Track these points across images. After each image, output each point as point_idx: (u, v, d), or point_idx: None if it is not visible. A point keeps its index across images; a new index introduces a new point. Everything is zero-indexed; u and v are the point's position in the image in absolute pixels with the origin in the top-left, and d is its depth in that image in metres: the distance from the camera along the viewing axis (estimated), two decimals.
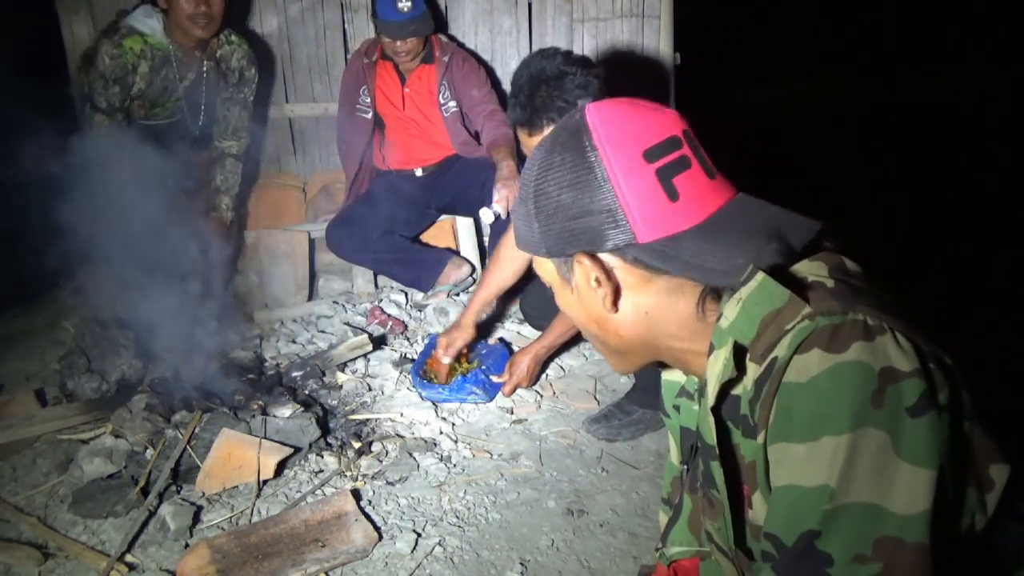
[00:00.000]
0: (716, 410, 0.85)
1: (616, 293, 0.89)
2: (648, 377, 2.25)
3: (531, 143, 2.10)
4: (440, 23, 3.57)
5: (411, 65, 3.28)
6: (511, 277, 2.63)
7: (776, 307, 0.78)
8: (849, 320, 0.74)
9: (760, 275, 0.80)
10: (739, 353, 0.81)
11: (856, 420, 0.70)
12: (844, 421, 0.70)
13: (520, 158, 2.88)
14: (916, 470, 0.70)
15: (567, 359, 2.81)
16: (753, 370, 0.79)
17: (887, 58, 7.42)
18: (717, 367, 0.82)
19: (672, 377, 1.11)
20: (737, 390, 0.84)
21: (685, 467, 1.09)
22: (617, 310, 0.90)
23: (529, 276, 3.07)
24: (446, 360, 2.58)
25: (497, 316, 3.19)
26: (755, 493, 0.83)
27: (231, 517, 2.00)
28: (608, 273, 0.89)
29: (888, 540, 0.70)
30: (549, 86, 2.02)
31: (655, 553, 1.19)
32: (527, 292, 2.96)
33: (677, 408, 1.10)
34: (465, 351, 2.67)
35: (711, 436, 0.86)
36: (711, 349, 0.85)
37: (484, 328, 3.09)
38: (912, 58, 7.28)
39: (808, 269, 0.84)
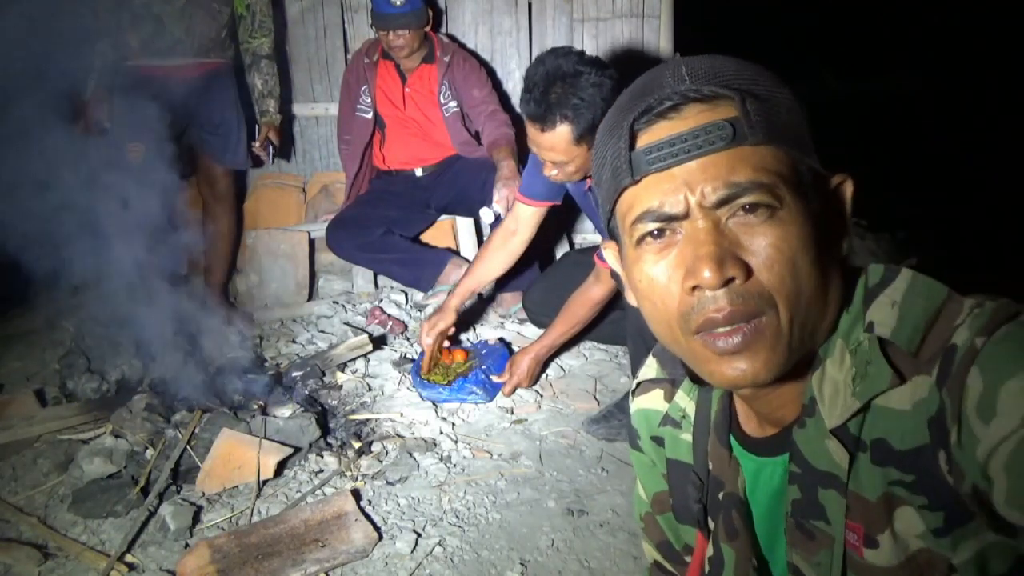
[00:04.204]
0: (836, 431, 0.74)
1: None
2: None
3: (541, 139, 2.08)
4: (440, 23, 3.57)
5: (412, 65, 3.28)
6: (500, 267, 2.64)
7: (934, 305, 0.71)
8: (1003, 303, 0.69)
9: (907, 272, 0.74)
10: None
11: None
12: None
13: (522, 158, 2.87)
14: None
15: (567, 359, 2.81)
16: (912, 385, 0.70)
17: (886, 57, 7.43)
18: (845, 376, 0.73)
19: (650, 405, 0.98)
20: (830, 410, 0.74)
21: (702, 508, 0.93)
22: (843, 252, 0.77)
23: (521, 274, 3.08)
24: (428, 340, 2.58)
25: (497, 316, 3.19)
26: (882, 534, 0.71)
27: (231, 517, 2.00)
28: None
29: None
30: (564, 83, 2.01)
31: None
32: (531, 289, 2.96)
33: (658, 440, 0.97)
34: (453, 347, 2.68)
35: (830, 461, 0.74)
36: (813, 358, 0.75)
37: (484, 327, 3.09)
38: (911, 57, 7.29)
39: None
